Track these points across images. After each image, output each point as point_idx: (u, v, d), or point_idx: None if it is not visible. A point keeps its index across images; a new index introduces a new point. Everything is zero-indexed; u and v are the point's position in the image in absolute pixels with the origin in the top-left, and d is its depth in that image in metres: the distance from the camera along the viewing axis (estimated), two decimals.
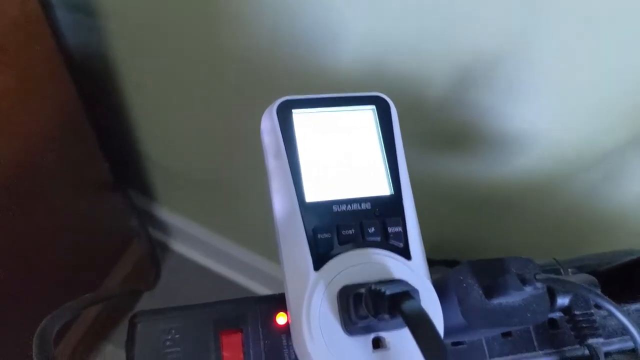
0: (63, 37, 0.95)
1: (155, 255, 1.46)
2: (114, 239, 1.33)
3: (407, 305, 0.29)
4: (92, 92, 1.03)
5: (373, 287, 0.32)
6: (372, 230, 0.39)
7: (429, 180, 0.77)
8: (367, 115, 0.44)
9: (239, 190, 1.13)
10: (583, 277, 0.47)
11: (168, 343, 0.41)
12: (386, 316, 0.31)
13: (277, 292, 1.31)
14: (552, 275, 0.35)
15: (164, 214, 1.44)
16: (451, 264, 0.85)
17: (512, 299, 0.38)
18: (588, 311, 0.46)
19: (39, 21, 0.79)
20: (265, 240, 1.27)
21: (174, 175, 1.25)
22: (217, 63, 0.82)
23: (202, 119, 0.98)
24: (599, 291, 0.46)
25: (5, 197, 0.85)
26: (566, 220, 0.76)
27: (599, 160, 0.65)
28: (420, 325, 0.28)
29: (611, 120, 0.60)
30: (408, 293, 0.31)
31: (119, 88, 1.04)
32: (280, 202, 0.41)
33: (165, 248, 1.54)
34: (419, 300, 0.31)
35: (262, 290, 1.47)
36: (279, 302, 0.43)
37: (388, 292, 0.31)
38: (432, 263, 0.73)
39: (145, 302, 1.42)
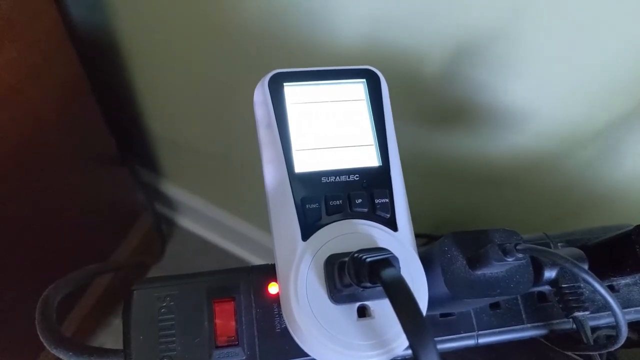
0: (68, 13, 0.95)
1: (161, 229, 1.48)
2: (121, 214, 1.34)
3: (386, 273, 0.30)
4: (98, 67, 1.04)
5: (355, 255, 0.33)
6: (359, 201, 0.40)
7: (424, 157, 0.78)
8: (357, 88, 0.44)
9: (244, 166, 1.14)
10: (569, 251, 0.48)
11: (163, 310, 0.42)
12: (367, 284, 0.32)
13: None
14: (532, 245, 0.35)
15: (170, 189, 1.45)
16: None
17: (495, 269, 0.38)
18: (575, 284, 0.46)
19: None
20: (266, 215, 1.27)
21: (179, 150, 1.26)
22: (217, 38, 0.83)
23: (207, 94, 0.99)
24: (585, 266, 0.46)
25: (13, 171, 0.86)
26: (561, 196, 0.76)
27: (594, 138, 0.66)
28: (397, 292, 0.29)
29: (606, 97, 0.60)
30: (388, 260, 0.31)
31: (124, 64, 1.04)
32: (271, 173, 0.42)
33: (171, 223, 1.55)
34: (398, 268, 0.32)
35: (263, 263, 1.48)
36: (271, 272, 0.44)
37: (368, 260, 0.31)
38: (431, 239, 0.74)
39: (151, 275, 1.44)
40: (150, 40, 0.94)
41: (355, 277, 0.33)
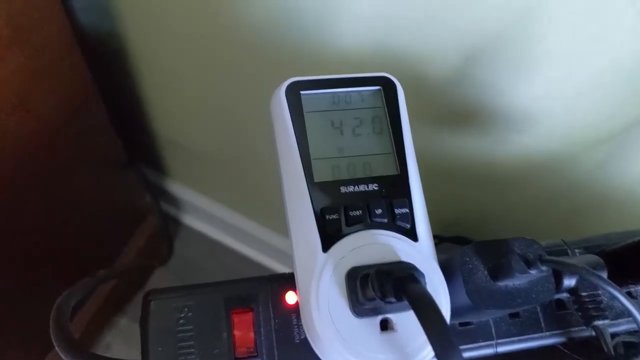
0: (76, 16, 0.95)
1: (168, 230, 1.48)
2: (127, 214, 1.34)
3: (412, 288, 0.30)
4: (105, 71, 1.03)
5: (379, 269, 0.33)
6: (379, 211, 0.40)
7: (433, 158, 0.77)
8: (374, 95, 0.44)
9: (250, 165, 1.14)
10: (589, 258, 0.47)
11: (181, 321, 0.42)
12: (392, 299, 0.32)
13: (287, 265, 1.32)
14: (556, 258, 0.35)
15: (176, 188, 1.45)
16: (458, 241, 0.86)
17: (517, 280, 0.38)
18: (594, 292, 0.46)
19: (51, 1, 0.79)
20: (276, 214, 1.27)
21: (185, 150, 1.25)
22: (223, 40, 0.82)
23: (212, 94, 0.98)
24: (603, 274, 0.46)
25: (19, 175, 0.86)
26: (570, 198, 0.76)
27: (604, 140, 0.65)
28: (425, 309, 0.29)
29: (616, 100, 0.59)
30: (413, 276, 0.31)
31: (131, 67, 1.04)
32: (289, 183, 0.41)
33: (177, 222, 1.55)
34: (424, 283, 0.31)
35: (273, 264, 1.49)
36: (289, 281, 0.44)
37: (393, 275, 0.31)
38: (441, 240, 0.74)
39: (159, 276, 1.44)
40: (157, 44, 0.94)
41: (380, 292, 0.33)
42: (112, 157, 1.15)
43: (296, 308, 0.43)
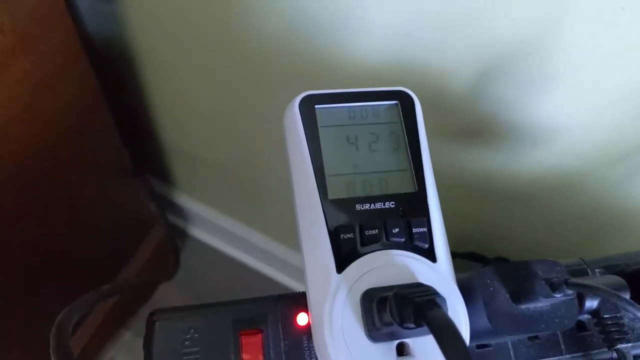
0: (83, 24, 0.94)
1: (174, 243, 1.47)
2: (132, 225, 1.33)
3: (434, 315, 0.28)
4: (112, 78, 1.03)
5: (398, 293, 0.31)
6: (396, 230, 0.38)
7: (449, 174, 0.76)
8: (391, 110, 0.43)
9: (257, 176, 1.13)
10: (612, 280, 0.45)
11: (187, 343, 0.40)
12: (411, 325, 0.30)
13: (296, 278, 1.31)
14: (582, 281, 0.34)
15: (183, 199, 1.44)
16: (472, 257, 0.84)
17: (540, 304, 0.36)
18: (617, 314, 0.44)
19: (58, 8, 0.78)
20: (283, 226, 1.26)
21: (193, 160, 1.24)
22: (234, 50, 0.81)
23: (221, 104, 0.97)
24: (627, 295, 0.44)
25: (24, 185, 0.85)
26: (588, 216, 0.74)
27: (623, 157, 0.64)
28: (447, 337, 0.27)
29: (636, 116, 0.58)
30: (435, 301, 0.29)
31: (139, 75, 1.03)
32: (302, 199, 0.40)
33: (184, 234, 1.54)
34: (446, 309, 0.30)
35: (280, 276, 1.47)
36: (299, 300, 0.42)
37: (414, 301, 0.30)
38: (454, 256, 0.72)
39: (165, 288, 1.43)
40: (166, 53, 0.93)
41: (398, 317, 0.31)
42: (118, 167, 1.14)
43: (307, 329, 0.41)
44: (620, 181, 0.67)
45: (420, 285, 0.33)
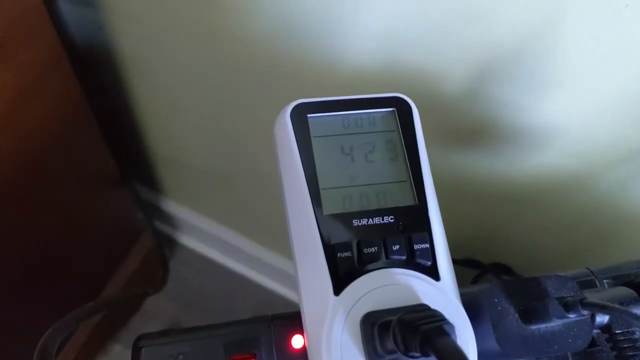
0: (66, 31, 0.92)
1: (163, 253, 1.44)
2: (120, 235, 1.31)
3: (443, 345, 0.26)
4: (96, 86, 1.00)
5: (402, 319, 0.29)
6: (396, 247, 0.36)
7: (447, 177, 0.74)
8: (387, 118, 0.40)
9: (246, 183, 1.11)
10: (622, 292, 0.43)
11: None
12: (417, 354, 0.28)
13: (288, 286, 1.29)
14: (599, 302, 0.31)
15: (172, 207, 1.42)
16: (469, 264, 0.82)
17: (552, 323, 0.34)
18: (629, 329, 0.42)
19: (39, 15, 0.76)
20: (272, 233, 1.25)
21: (181, 167, 1.23)
22: (222, 55, 0.79)
23: (209, 110, 0.96)
24: (639, 309, 0.42)
25: (9, 196, 0.83)
26: (587, 218, 0.73)
27: (625, 159, 0.62)
28: None
29: (638, 117, 0.56)
30: (442, 329, 0.27)
31: (125, 81, 1.01)
32: (296, 215, 0.37)
33: (173, 242, 1.51)
34: (454, 336, 0.27)
35: (271, 283, 1.45)
36: (294, 322, 0.40)
37: (420, 329, 0.27)
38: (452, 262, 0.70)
39: (154, 297, 1.40)
40: (151, 59, 0.91)
41: (403, 346, 0.29)
42: (105, 175, 1.12)
43: (303, 352, 0.39)
44: (621, 183, 0.65)
45: (425, 308, 0.31)
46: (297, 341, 0.39)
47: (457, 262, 0.72)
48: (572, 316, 0.32)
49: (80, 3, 0.86)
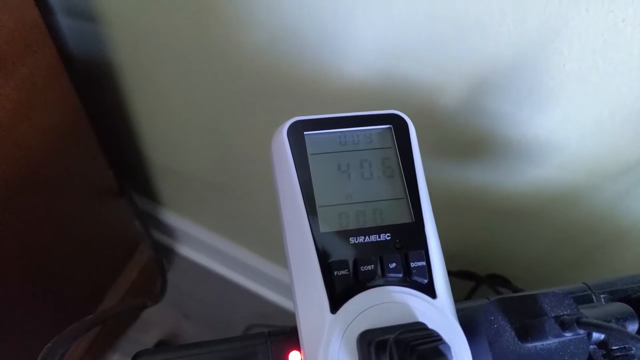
0: (65, 45, 0.92)
1: (161, 263, 1.44)
2: (119, 246, 1.31)
3: None
4: (96, 98, 1.00)
5: (399, 339, 0.29)
6: (393, 265, 0.36)
7: (443, 190, 0.74)
8: (384, 135, 0.41)
9: (244, 193, 1.11)
10: (619, 308, 0.43)
11: None
12: None
13: (285, 296, 1.28)
14: (596, 321, 0.31)
15: (170, 217, 1.42)
16: (464, 276, 0.82)
17: (548, 341, 0.34)
18: (626, 345, 0.42)
19: (38, 29, 0.76)
20: (270, 243, 1.24)
21: (179, 178, 1.23)
22: (220, 68, 0.79)
23: (207, 121, 0.96)
24: (635, 325, 0.42)
25: (8, 209, 0.83)
26: (586, 231, 0.73)
27: (623, 172, 0.62)
28: None
29: (636, 130, 0.57)
30: (439, 350, 0.27)
31: (123, 93, 1.01)
32: (292, 233, 0.37)
33: (171, 252, 1.51)
34: (450, 357, 0.27)
35: (269, 293, 1.45)
36: (291, 337, 0.40)
37: (417, 349, 0.27)
38: (448, 275, 0.70)
39: (152, 307, 1.39)
40: (150, 71, 0.91)
41: None
42: (103, 186, 1.11)
43: None
44: (618, 196, 0.65)
45: (421, 327, 0.31)
46: (294, 358, 0.39)
47: (453, 274, 0.73)
48: (568, 335, 0.32)
49: (78, 17, 0.87)
